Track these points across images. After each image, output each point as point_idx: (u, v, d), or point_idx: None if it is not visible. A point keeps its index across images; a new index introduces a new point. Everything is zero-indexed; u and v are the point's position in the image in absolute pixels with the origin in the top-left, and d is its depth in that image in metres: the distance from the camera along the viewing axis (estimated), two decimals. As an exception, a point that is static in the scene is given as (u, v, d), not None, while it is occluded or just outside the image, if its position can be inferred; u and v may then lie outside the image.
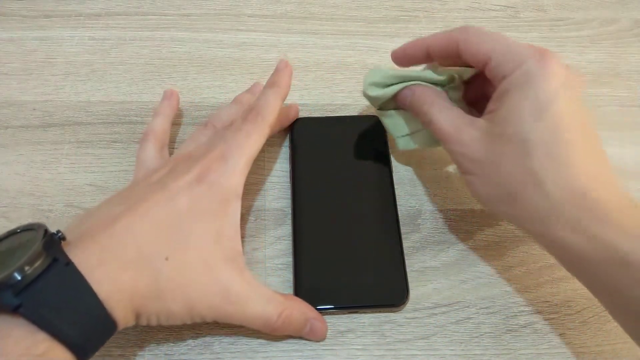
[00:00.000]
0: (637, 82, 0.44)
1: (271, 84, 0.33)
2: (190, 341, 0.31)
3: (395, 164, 0.38)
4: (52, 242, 0.24)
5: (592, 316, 0.33)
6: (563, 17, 0.48)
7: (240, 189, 0.30)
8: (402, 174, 0.38)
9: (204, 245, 0.28)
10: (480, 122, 0.29)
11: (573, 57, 0.45)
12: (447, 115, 0.31)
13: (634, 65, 0.45)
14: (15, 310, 0.22)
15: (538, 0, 0.49)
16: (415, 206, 0.37)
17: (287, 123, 0.39)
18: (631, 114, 0.42)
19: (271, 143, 0.39)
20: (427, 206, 0.37)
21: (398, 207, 0.36)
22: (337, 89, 0.43)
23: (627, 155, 0.40)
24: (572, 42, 0.47)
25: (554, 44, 0.46)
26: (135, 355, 0.31)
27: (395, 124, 0.36)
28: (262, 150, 0.38)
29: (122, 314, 0.25)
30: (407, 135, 0.36)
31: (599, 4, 0.49)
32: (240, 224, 0.35)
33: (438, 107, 0.31)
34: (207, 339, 0.31)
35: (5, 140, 0.39)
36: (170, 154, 0.38)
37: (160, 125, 0.36)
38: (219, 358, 0.31)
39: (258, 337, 0.31)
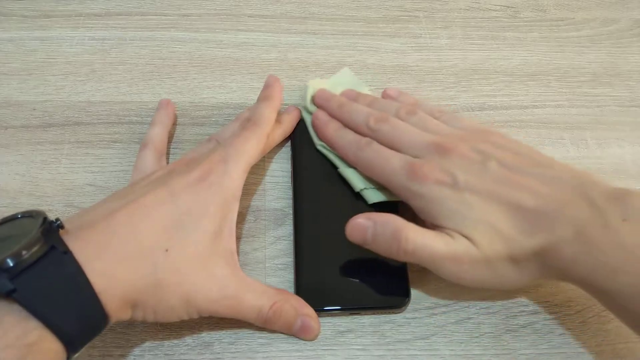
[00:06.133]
0: (637, 82, 0.44)
1: (264, 97, 0.36)
2: (190, 341, 0.31)
3: (395, 164, 0.38)
4: (51, 230, 0.24)
5: (592, 316, 0.33)
6: (563, 17, 0.48)
7: (239, 192, 0.31)
8: (402, 174, 0.38)
9: (201, 243, 0.28)
10: (458, 239, 0.29)
11: (573, 57, 0.45)
12: (431, 237, 0.29)
13: (634, 65, 0.45)
14: (9, 295, 0.22)
15: (538, 0, 0.49)
16: (415, 206, 0.37)
17: (291, 129, 0.39)
18: (631, 114, 0.42)
19: (271, 143, 0.39)
20: (427, 206, 0.37)
21: (398, 207, 0.36)
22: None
23: (627, 155, 0.40)
24: (572, 42, 0.47)
25: (554, 44, 0.46)
26: (135, 355, 0.31)
27: (356, 178, 0.35)
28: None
29: (115, 308, 0.25)
30: (373, 188, 0.35)
31: (599, 4, 0.49)
32: (240, 224, 0.36)
33: (415, 231, 0.29)
34: (207, 339, 0.31)
35: (5, 140, 0.39)
36: (170, 154, 0.38)
37: (159, 134, 0.37)
38: (219, 358, 0.31)
39: (258, 337, 0.31)
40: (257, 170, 0.38)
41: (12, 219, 0.25)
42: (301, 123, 0.39)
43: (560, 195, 0.28)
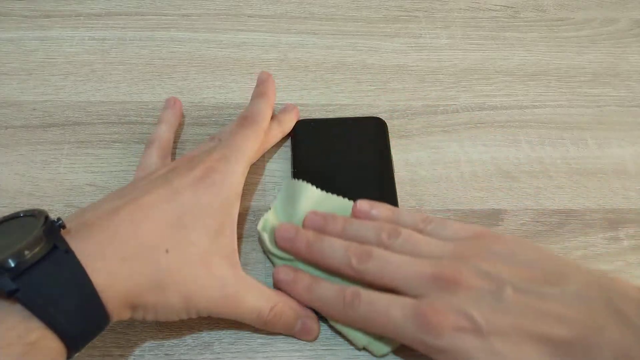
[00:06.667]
0: (637, 82, 0.44)
1: (259, 94, 0.36)
2: (190, 341, 0.31)
3: (395, 165, 0.38)
4: (53, 229, 0.24)
5: (592, 316, 0.33)
6: (563, 17, 0.48)
7: (240, 189, 0.31)
8: (402, 174, 0.38)
9: (203, 242, 0.28)
10: None
11: (573, 57, 0.45)
12: None
13: (634, 65, 0.45)
14: (11, 295, 0.22)
15: (538, 0, 0.49)
16: (415, 206, 0.37)
17: (289, 128, 0.39)
18: (631, 114, 0.42)
19: (271, 143, 0.39)
20: (427, 206, 0.37)
21: (399, 207, 0.36)
22: (337, 89, 0.43)
23: (627, 155, 0.40)
24: (572, 42, 0.47)
25: (553, 44, 0.46)
26: (135, 355, 0.31)
27: (355, 334, 0.30)
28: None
29: (116, 307, 0.25)
30: (377, 340, 0.30)
31: (599, 4, 0.49)
32: (240, 224, 0.36)
33: None
34: (207, 339, 0.31)
35: (5, 140, 0.39)
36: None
37: (165, 133, 0.37)
38: (219, 358, 0.31)
39: (258, 338, 0.31)
40: (257, 170, 0.38)
41: (13, 217, 0.25)
42: (299, 123, 0.39)
43: (591, 319, 0.25)
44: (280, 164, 0.38)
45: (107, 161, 0.38)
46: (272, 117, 0.37)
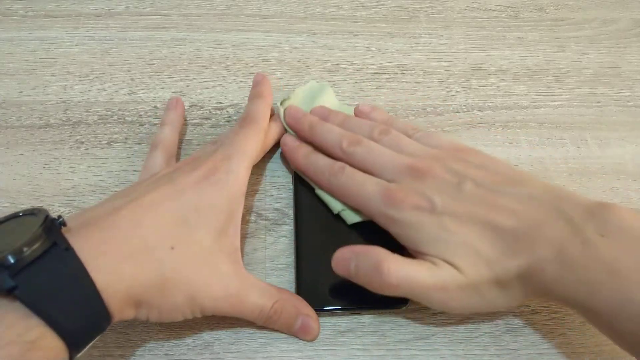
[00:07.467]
0: (637, 82, 0.44)
1: (256, 95, 0.37)
2: (190, 341, 0.31)
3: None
4: (53, 227, 0.24)
5: (592, 316, 0.33)
6: (563, 17, 0.48)
7: (244, 188, 0.31)
8: (402, 174, 0.38)
9: (206, 240, 0.29)
10: (442, 266, 0.28)
11: (573, 57, 0.45)
12: (414, 268, 0.28)
13: (634, 65, 0.45)
14: (10, 292, 0.22)
15: (538, 0, 0.49)
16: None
17: None
18: (631, 114, 0.42)
19: (271, 143, 0.39)
20: (427, 206, 0.37)
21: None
22: (337, 89, 0.43)
23: (627, 155, 0.40)
24: (572, 42, 0.47)
25: (554, 44, 0.46)
26: (135, 355, 0.31)
27: (333, 201, 0.34)
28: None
29: (118, 305, 0.25)
30: (349, 209, 0.34)
31: (599, 4, 0.49)
32: (241, 224, 0.35)
33: (397, 262, 0.28)
34: (207, 339, 0.31)
35: (5, 140, 0.39)
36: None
37: (169, 135, 0.37)
38: (219, 358, 0.31)
39: (258, 337, 0.31)
40: (257, 170, 0.38)
41: (13, 216, 0.25)
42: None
43: (536, 214, 0.28)
44: (281, 164, 0.38)
45: (107, 161, 0.38)
46: (271, 117, 0.38)
